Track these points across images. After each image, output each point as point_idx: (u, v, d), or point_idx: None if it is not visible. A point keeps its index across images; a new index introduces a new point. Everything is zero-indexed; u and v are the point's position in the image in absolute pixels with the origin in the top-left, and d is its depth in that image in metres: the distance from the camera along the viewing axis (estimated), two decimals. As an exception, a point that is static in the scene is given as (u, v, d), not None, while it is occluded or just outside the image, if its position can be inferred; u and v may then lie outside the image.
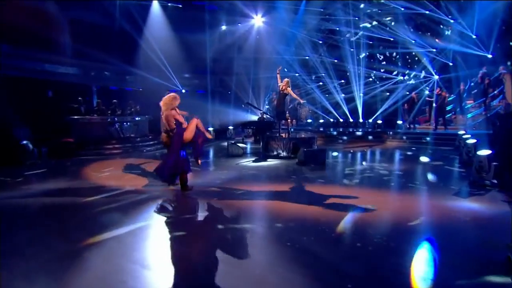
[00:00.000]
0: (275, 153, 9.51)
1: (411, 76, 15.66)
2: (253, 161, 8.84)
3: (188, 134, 5.39)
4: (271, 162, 8.76)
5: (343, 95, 16.74)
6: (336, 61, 18.21)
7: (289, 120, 17.48)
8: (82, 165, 8.51)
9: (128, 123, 11.49)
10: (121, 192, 5.68)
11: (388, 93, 16.52)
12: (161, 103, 5.31)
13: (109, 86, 17.61)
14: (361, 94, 15.76)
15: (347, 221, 4.18)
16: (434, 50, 15.68)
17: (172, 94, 5.40)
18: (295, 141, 9.43)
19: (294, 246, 3.38)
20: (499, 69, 13.03)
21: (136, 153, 10.66)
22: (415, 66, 16.27)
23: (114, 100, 12.18)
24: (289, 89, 9.51)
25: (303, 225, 4.04)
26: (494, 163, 5.41)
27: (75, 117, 10.85)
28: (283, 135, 9.78)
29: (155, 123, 13.18)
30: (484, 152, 5.50)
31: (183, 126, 5.39)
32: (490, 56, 13.74)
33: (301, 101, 9.97)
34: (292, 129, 11.34)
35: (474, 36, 13.83)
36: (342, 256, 3.26)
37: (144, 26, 16.80)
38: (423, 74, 14.91)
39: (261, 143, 10.34)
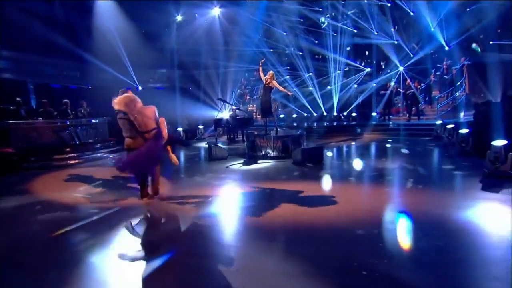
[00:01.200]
0: (262, 153, 8.88)
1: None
2: (243, 164, 8.12)
3: (166, 133, 5.00)
4: (263, 164, 8.12)
5: (309, 88, 16.61)
6: (301, 53, 18.14)
7: (259, 117, 17.16)
8: (29, 181, 7.03)
9: (84, 127, 9.92)
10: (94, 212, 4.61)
11: (356, 85, 16.82)
12: (121, 105, 4.79)
13: (49, 83, 15.36)
14: (336, 86, 15.79)
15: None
16: (396, 42, 16.33)
17: (127, 93, 5.08)
18: (284, 139, 8.89)
19: None
20: (461, 60, 13.94)
21: (97, 161, 9.24)
22: (381, 58, 16.79)
23: (65, 100, 10.45)
24: (274, 82, 8.94)
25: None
26: (511, 153, 5.41)
27: (14, 121, 9.03)
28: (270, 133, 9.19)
29: (115, 126, 11.70)
30: (500, 142, 5.47)
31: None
32: (447, 48, 14.63)
33: (289, 94, 9.40)
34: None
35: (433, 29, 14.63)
36: None
37: (93, 15, 14.88)
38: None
39: (245, 143, 9.64)
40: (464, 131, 8.07)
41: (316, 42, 18.46)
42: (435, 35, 14.70)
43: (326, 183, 6.15)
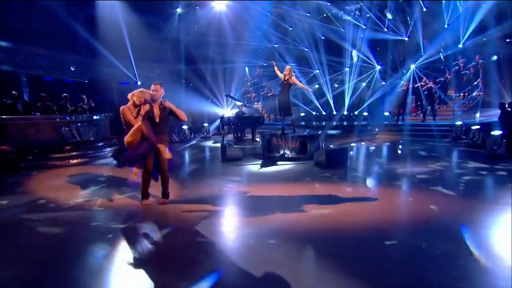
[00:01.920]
0: (279, 153, 8.47)
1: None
2: (261, 166, 7.69)
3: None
4: (283, 165, 7.71)
5: (316, 86, 16.19)
6: (307, 49, 17.75)
7: (265, 115, 16.73)
8: (27, 181, 6.56)
9: (85, 123, 9.37)
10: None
11: (365, 84, 16.50)
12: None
13: (42, 76, 14.69)
14: (350, 84, 15.42)
15: None
16: (407, 38, 16.04)
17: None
18: (303, 140, 8.50)
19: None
20: (475, 58, 13.70)
21: (100, 160, 8.72)
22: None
23: (65, 94, 9.88)
24: (293, 78, 8.52)
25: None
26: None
27: (11, 116, 8.45)
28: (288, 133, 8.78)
29: (117, 123, 11.17)
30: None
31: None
32: (461, 46, 14.37)
33: (309, 90, 8.90)
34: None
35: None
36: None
37: (92, 6, 14.24)
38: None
39: (254, 142, 9.22)
40: (496, 133, 7.85)
41: (323, 37, 18.07)
42: (449, 32, 14.45)
43: (361, 187, 5.77)
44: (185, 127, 13.19)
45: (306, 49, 17.97)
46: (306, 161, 8.12)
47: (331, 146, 8.53)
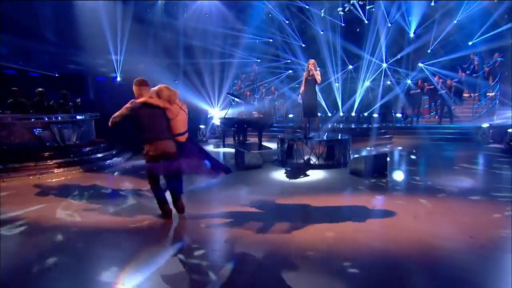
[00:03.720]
0: (302, 160, 7.94)
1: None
2: (289, 175, 7.10)
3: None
4: (314, 175, 7.17)
5: (337, 84, 15.89)
6: (304, 45, 17.47)
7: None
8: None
9: (69, 125, 8.35)
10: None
11: (369, 82, 16.37)
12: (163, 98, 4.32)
13: (1, 67, 13.31)
14: (367, 84, 15.15)
15: None
16: (413, 34, 16.12)
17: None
18: (330, 144, 8.02)
19: None
20: (494, 56, 13.89)
21: (88, 170, 7.77)
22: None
23: (40, 89, 8.79)
24: (317, 72, 8.02)
25: None
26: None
27: (-25, 116, 7.35)
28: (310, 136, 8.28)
29: (102, 124, 10.18)
30: None
31: None
32: (470, 43, 14.59)
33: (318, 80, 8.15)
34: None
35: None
36: None
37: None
38: None
39: (278, 148, 8.64)
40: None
41: (322, 32, 17.85)
42: (459, 28, 14.61)
43: (433, 202, 5.30)
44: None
45: (304, 46, 17.65)
46: (336, 168, 7.67)
47: (342, 150, 8.04)
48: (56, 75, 14.48)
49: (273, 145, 10.35)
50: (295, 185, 6.37)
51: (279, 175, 7.18)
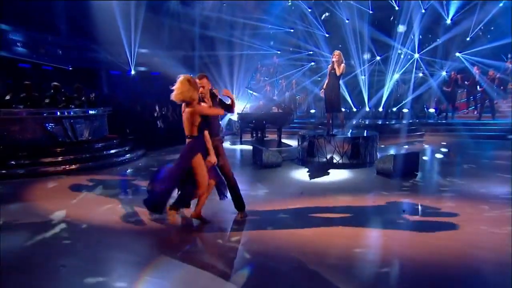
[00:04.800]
0: (325, 159, 7.78)
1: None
2: (312, 175, 6.95)
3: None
4: (338, 174, 7.01)
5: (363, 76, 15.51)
6: (327, 35, 17.13)
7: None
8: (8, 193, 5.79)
9: (81, 120, 8.53)
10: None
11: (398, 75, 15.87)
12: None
13: (16, 61, 13.75)
14: (396, 76, 14.76)
15: None
16: (450, 21, 15.45)
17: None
18: (355, 142, 7.81)
19: None
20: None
21: (101, 167, 7.91)
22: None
23: (55, 83, 9.02)
24: (343, 65, 7.79)
25: None
26: None
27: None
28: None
29: (116, 120, 10.38)
30: None
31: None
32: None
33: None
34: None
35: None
36: None
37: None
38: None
39: (298, 145, 8.51)
40: None
41: (347, 20, 17.43)
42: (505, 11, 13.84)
43: (472, 206, 5.04)
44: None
45: (347, 20, 17.11)
46: (361, 168, 7.47)
47: (368, 148, 7.79)
48: (70, 68, 14.85)
49: (294, 143, 10.22)
50: (316, 186, 6.23)
51: (299, 174, 7.06)
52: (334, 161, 7.75)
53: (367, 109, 14.82)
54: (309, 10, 17.96)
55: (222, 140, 5.02)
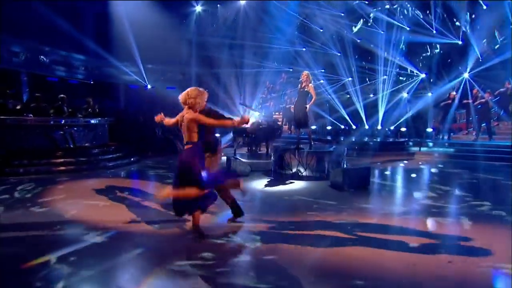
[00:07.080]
0: (292, 171, 8.33)
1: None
2: (267, 184, 7.56)
3: None
4: (292, 185, 7.55)
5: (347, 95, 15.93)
6: (339, 54, 17.64)
7: (285, 127, 16.62)
8: (10, 190, 6.79)
9: (81, 128, 9.75)
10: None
11: (407, 94, 16.02)
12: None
13: (45, 75, 15.51)
14: (385, 93, 15.08)
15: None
16: (460, 42, 15.48)
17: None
18: (320, 156, 8.31)
19: None
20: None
21: (94, 170, 8.99)
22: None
23: (61, 95, 10.37)
24: (310, 85, 8.38)
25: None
26: None
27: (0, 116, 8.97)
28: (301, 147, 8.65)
29: (117, 128, 11.56)
30: None
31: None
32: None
33: (308, 105, 8.32)
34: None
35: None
36: None
37: (103, 1, 15.00)
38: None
39: (270, 157, 9.13)
40: None
41: (359, 40, 17.92)
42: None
43: (380, 216, 5.47)
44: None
45: (339, 54, 17.85)
46: (322, 181, 7.92)
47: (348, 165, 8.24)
48: (92, 82, 16.50)
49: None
50: (265, 193, 6.82)
51: (258, 183, 7.63)
52: (300, 173, 8.28)
53: (366, 127, 15.11)
54: (321, 30, 18.63)
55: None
